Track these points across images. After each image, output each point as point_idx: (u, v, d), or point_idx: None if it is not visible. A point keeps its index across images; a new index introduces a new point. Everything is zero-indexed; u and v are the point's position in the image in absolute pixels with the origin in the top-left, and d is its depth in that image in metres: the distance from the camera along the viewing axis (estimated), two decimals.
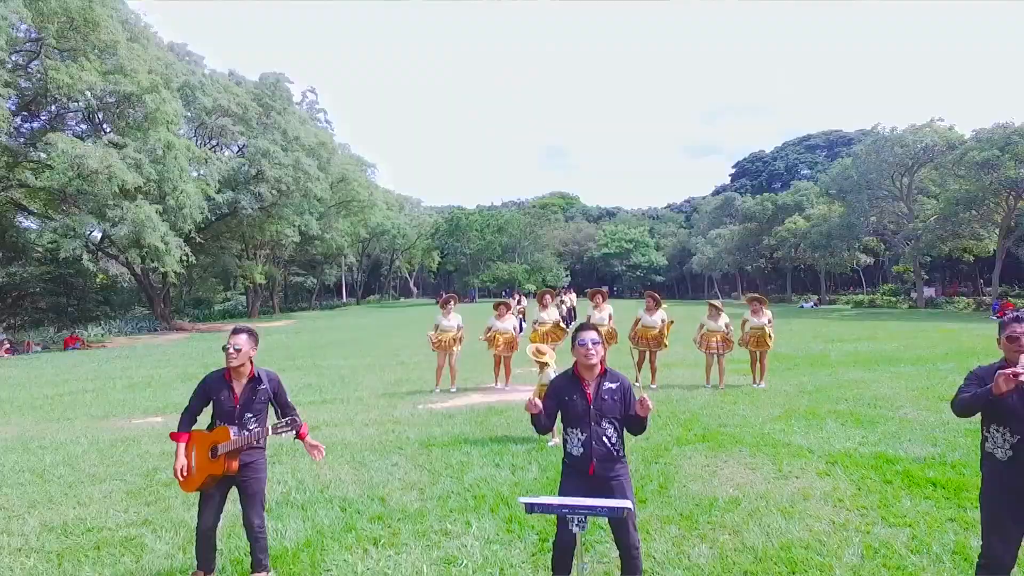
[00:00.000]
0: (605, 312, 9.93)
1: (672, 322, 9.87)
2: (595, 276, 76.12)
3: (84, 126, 27.85)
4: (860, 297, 35.98)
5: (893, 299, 34.40)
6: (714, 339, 9.60)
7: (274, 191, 30.09)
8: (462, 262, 63.39)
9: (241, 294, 52.80)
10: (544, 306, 10.16)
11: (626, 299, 62.72)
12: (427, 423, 7.58)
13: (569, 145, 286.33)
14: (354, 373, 12.71)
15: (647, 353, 9.74)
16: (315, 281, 60.14)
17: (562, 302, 22.91)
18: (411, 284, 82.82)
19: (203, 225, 28.75)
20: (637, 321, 9.85)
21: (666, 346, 9.80)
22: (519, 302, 23.58)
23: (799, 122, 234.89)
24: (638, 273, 65.63)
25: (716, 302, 9.96)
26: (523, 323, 23.23)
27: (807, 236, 35.26)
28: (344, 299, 69.50)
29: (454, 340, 9.79)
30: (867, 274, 46.04)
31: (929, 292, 36.31)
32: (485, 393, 9.69)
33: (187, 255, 23.99)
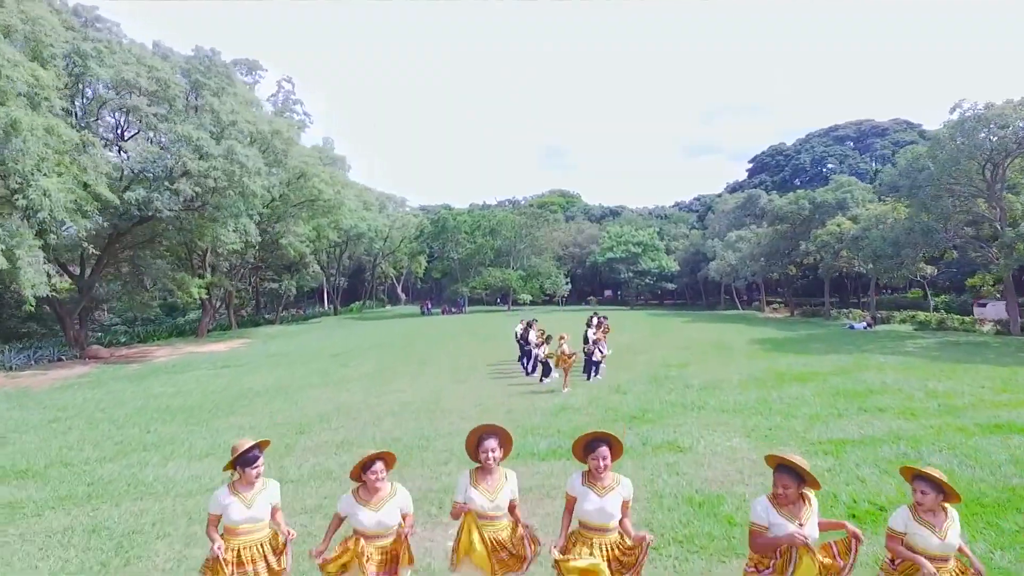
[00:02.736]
0: (620, 493, 3.84)
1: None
2: (598, 281, 69.68)
3: None
4: (925, 315, 29.43)
5: (966, 318, 27.96)
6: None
7: (198, 188, 23.89)
8: (451, 267, 57.08)
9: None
10: (485, 472, 3.91)
11: (632, 309, 56.29)
12: None
13: (568, 145, 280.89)
14: (159, 525, 6.56)
15: None
16: (288, 286, 53.86)
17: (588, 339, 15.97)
18: (399, 290, 76.86)
19: (96, 232, 22.60)
20: (754, 533, 3.65)
21: None
22: (544, 337, 16.37)
23: (797, 122, 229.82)
24: (647, 280, 58.71)
25: (935, 472, 3.76)
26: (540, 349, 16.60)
27: (860, 241, 28.64)
28: (326, 306, 63.42)
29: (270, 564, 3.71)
30: (922, 285, 39.82)
31: (996, 309, 29.92)
32: None
33: (50, 275, 17.81)
